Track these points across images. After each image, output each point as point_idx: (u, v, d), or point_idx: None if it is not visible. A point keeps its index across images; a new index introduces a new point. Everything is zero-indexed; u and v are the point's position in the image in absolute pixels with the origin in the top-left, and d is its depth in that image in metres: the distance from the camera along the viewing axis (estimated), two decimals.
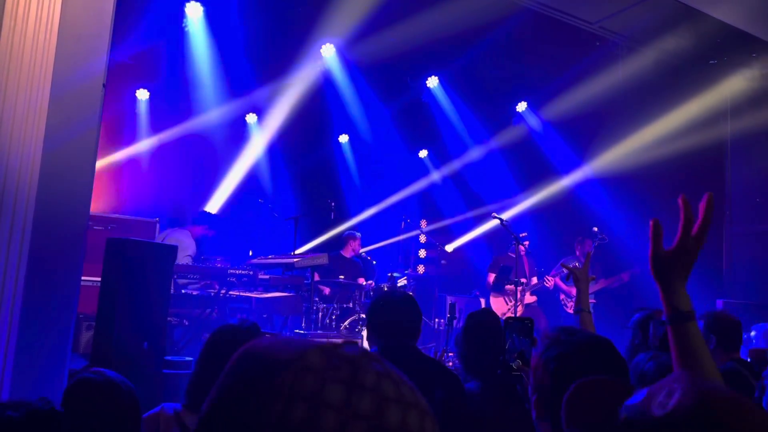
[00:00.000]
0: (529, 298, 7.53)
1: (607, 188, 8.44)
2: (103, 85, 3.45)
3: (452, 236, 9.67)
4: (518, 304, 7.08)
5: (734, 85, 7.73)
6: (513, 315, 7.26)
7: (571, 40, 7.31)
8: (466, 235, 9.60)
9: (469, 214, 9.64)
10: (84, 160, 3.33)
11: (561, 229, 8.59)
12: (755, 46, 6.97)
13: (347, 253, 7.53)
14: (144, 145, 8.14)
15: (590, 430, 1.09)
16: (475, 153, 9.43)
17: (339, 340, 0.69)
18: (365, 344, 3.73)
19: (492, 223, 9.10)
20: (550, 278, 7.37)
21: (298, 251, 7.17)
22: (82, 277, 4.41)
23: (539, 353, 1.34)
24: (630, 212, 8.13)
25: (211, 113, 8.10)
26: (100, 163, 7.44)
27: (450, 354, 3.17)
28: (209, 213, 6.89)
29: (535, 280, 7.56)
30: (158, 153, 8.23)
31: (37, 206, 3.12)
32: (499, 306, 7.51)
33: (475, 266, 9.38)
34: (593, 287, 7.52)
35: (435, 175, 10.03)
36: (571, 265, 2.87)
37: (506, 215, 8.04)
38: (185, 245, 5.69)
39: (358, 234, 7.73)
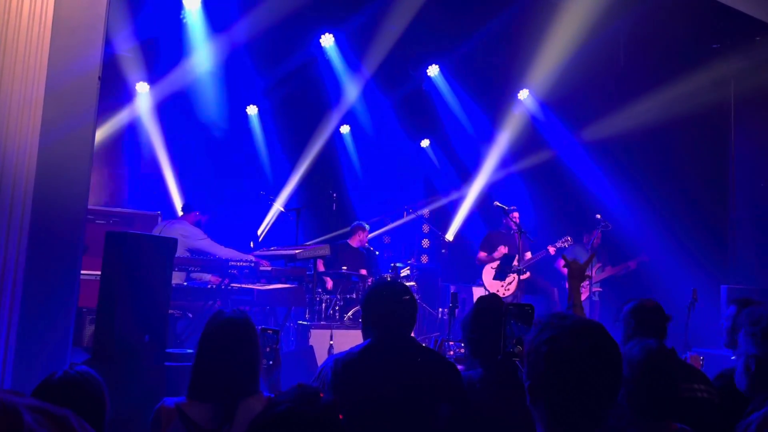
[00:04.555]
0: (524, 274, 7.38)
1: (610, 173, 8.39)
2: (99, 78, 3.44)
3: (452, 221, 9.63)
4: (512, 291, 7.09)
5: (737, 69, 7.66)
6: (510, 295, 7.24)
7: (574, 26, 7.24)
8: (458, 214, 9.51)
9: (465, 191, 9.59)
10: (81, 153, 3.32)
11: (558, 208, 8.56)
12: (758, 29, 6.89)
13: (354, 243, 7.51)
14: (144, 137, 8.14)
15: None
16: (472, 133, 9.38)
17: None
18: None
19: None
20: (552, 247, 7.08)
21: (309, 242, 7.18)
22: (86, 271, 4.44)
23: (531, 338, 1.34)
24: (635, 198, 8.09)
25: (211, 105, 8.09)
26: (100, 156, 7.46)
27: (450, 343, 3.16)
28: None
29: (528, 255, 7.39)
30: (159, 144, 8.23)
31: (35, 201, 3.12)
32: (495, 286, 7.38)
33: (477, 254, 9.34)
34: (600, 275, 7.47)
35: (436, 163, 10.05)
36: (570, 257, 2.86)
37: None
38: (190, 232, 5.68)
39: (367, 225, 7.70)
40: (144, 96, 8.09)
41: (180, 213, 6.35)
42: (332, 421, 1.18)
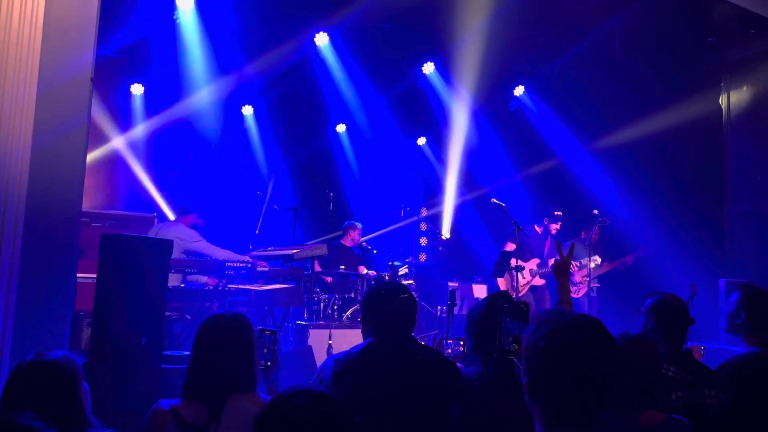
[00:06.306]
0: (538, 281, 7.28)
1: (606, 168, 8.39)
2: (92, 80, 3.42)
3: (450, 219, 9.62)
4: (518, 288, 7.00)
5: (733, 62, 7.66)
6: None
7: (569, 22, 7.23)
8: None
9: (467, 197, 9.57)
10: (74, 155, 3.30)
11: (556, 204, 8.53)
12: (754, 23, 6.89)
13: (347, 242, 7.51)
14: (140, 139, 8.12)
15: None
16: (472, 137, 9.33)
17: None
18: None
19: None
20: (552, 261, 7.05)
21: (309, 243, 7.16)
22: (82, 274, 4.42)
23: (530, 335, 1.33)
24: (631, 193, 8.08)
25: (207, 106, 8.07)
26: (96, 160, 7.43)
27: (449, 341, 3.14)
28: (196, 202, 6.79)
29: (552, 262, 7.23)
30: (154, 147, 8.20)
31: (28, 204, 3.10)
32: (504, 285, 7.31)
33: (474, 251, 9.35)
34: (597, 271, 7.45)
35: (433, 161, 10.02)
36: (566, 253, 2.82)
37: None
38: (186, 234, 5.66)
39: (359, 224, 7.71)
40: (138, 98, 8.08)
41: (172, 216, 6.32)
42: (337, 398, 1.22)
